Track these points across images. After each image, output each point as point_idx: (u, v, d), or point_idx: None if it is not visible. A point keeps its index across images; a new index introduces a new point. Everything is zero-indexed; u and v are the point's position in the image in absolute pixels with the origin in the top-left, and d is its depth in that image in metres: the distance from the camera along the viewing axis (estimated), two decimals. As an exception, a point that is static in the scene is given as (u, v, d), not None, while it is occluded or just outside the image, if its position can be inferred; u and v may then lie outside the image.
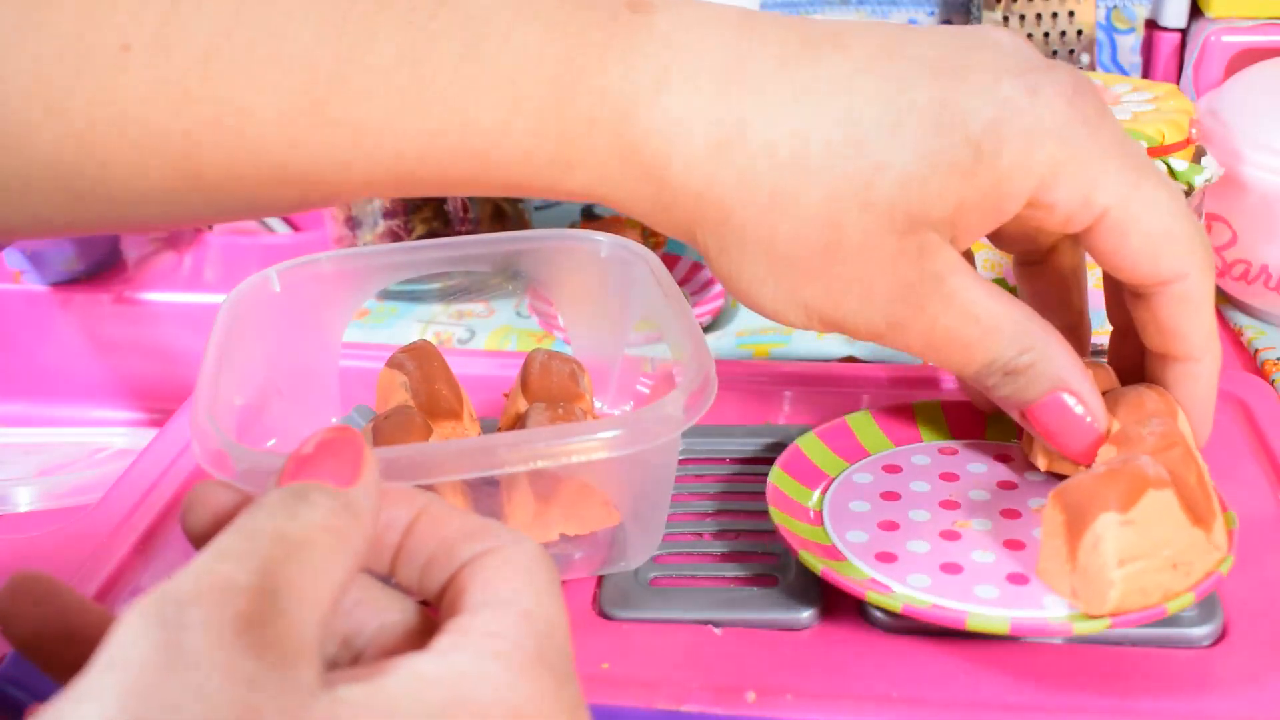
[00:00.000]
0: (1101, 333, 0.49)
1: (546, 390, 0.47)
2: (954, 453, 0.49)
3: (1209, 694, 0.39)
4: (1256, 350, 0.60)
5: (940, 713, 0.39)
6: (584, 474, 0.42)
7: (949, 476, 0.47)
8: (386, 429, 0.43)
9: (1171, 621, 0.41)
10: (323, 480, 0.27)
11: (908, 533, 0.44)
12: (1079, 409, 0.40)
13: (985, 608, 0.40)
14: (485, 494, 0.43)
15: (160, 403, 0.79)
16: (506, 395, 0.51)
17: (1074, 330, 0.46)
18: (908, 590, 0.41)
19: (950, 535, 0.44)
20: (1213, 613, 0.41)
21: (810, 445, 0.49)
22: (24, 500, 0.68)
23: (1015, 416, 0.42)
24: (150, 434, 0.72)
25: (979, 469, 0.48)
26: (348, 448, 0.28)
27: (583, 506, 0.43)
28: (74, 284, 0.77)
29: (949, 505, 0.45)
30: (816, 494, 0.47)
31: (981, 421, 0.51)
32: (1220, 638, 0.41)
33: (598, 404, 0.52)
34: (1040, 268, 0.45)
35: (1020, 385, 0.40)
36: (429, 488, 0.42)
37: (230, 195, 0.35)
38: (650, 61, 0.35)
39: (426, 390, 0.47)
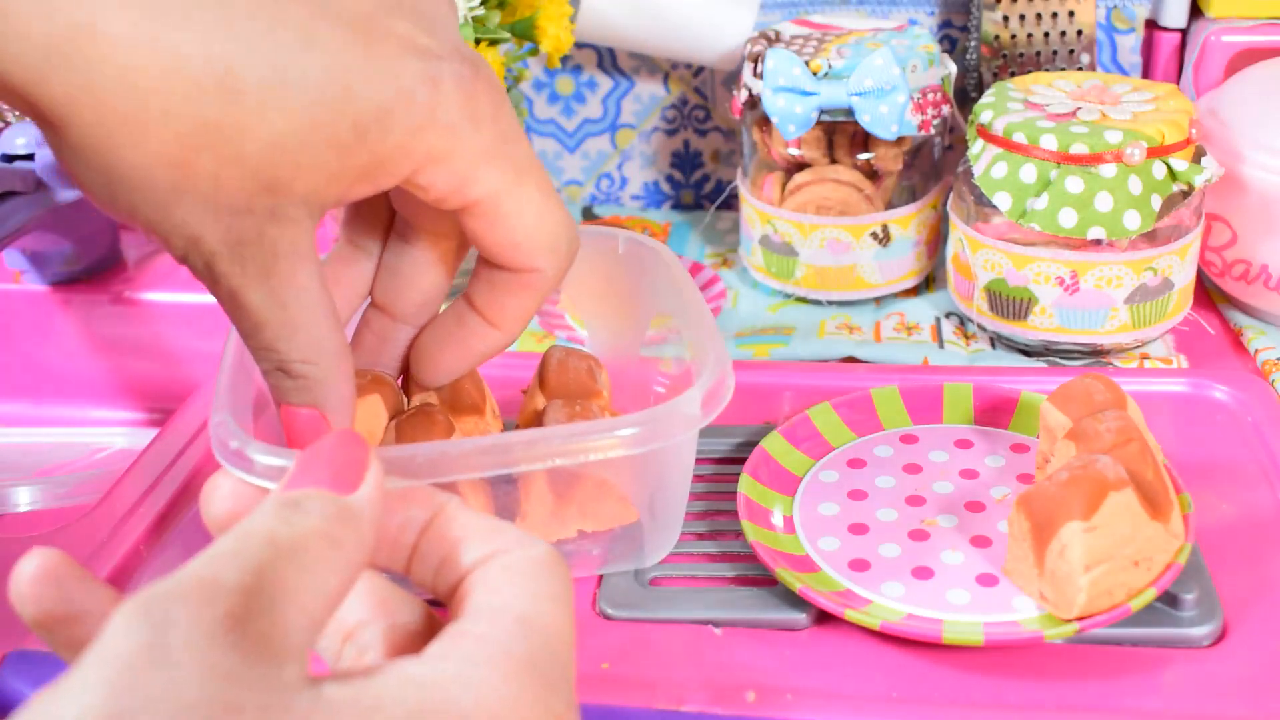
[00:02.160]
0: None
1: (564, 387, 0.47)
2: (915, 440, 0.49)
3: (1209, 694, 0.39)
4: (1256, 350, 0.60)
5: (939, 712, 0.39)
6: (602, 471, 0.42)
7: (912, 468, 0.48)
8: (408, 427, 0.43)
9: (1171, 621, 0.41)
10: (324, 487, 0.27)
11: (878, 535, 0.44)
12: (320, 433, 0.38)
13: (959, 615, 0.41)
14: (504, 491, 0.43)
15: (160, 403, 0.79)
16: (524, 392, 0.51)
17: (427, 304, 0.43)
18: (883, 601, 0.41)
19: (919, 535, 0.44)
20: (1213, 613, 0.41)
21: (775, 445, 0.49)
22: (24, 500, 0.68)
23: (273, 401, 0.39)
24: (150, 434, 0.72)
25: (940, 458, 0.48)
26: (351, 454, 0.28)
27: (600, 504, 0.43)
28: (74, 284, 0.77)
29: (915, 501, 0.46)
30: (787, 501, 0.47)
31: (938, 405, 0.51)
32: (1220, 638, 0.41)
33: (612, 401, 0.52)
34: (413, 237, 0.43)
35: (286, 386, 0.37)
36: (448, 485, 0.42)
37: None
38: None
39: (450, 386, 0.47)
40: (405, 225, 0.43)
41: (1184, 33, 0.74)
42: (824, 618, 0.42)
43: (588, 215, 0.84)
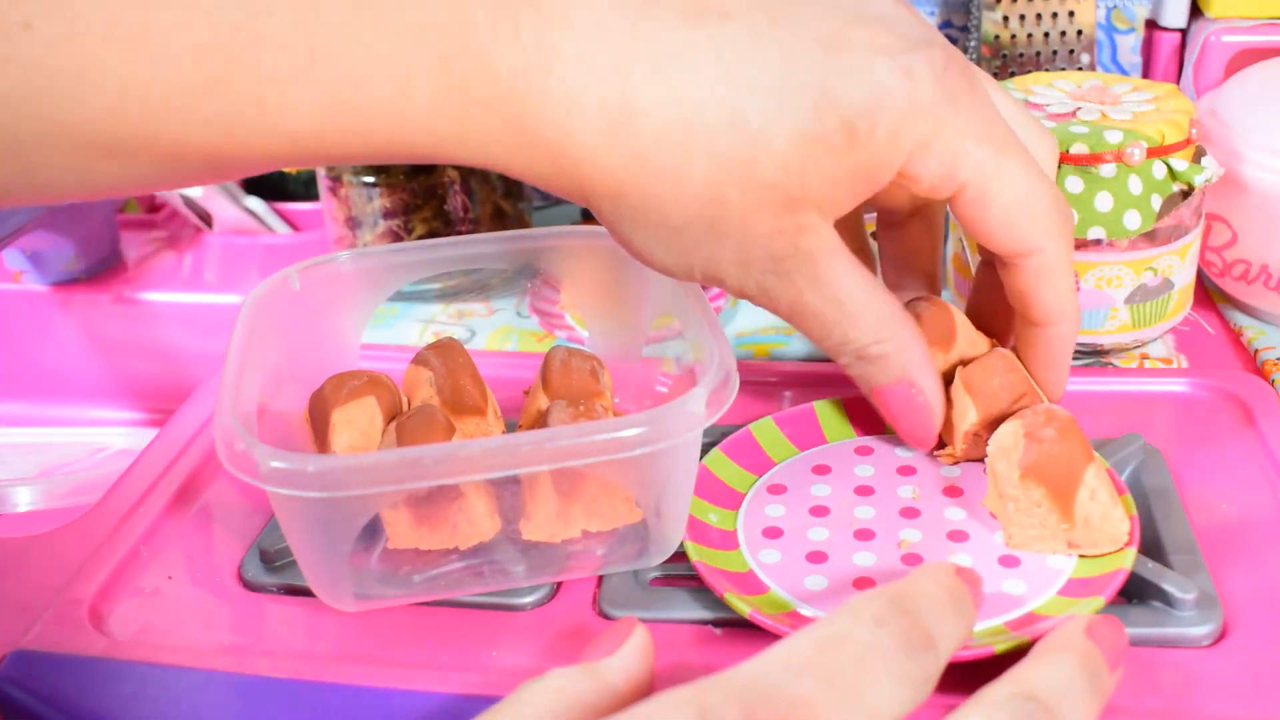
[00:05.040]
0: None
1: (567, 387, 0.47)
2: (782, 490, 0.48)
3: (1209, 694, 0.39)
4: (1256, 350, 0.60)
5: (940, 712, 0.39)
6: (606, 471, 0.42)
7: (820, 511, 0.47)
8: (409, 428, 0.43)
9: (1171, 621, 0.41)
10: (588, 659, 0.33)
11: (888, 580, 0.42)
12: (920, 400, 0.44)
13: (1036, 600, 0.41)
14: (508, 491, 0.43)
15: (160, 403, 0.79)
16: (526, 393, 0.51)
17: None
18: (978, 627, 0.40)
19: (913, 560, 0.44)
20: (1213, 613, 0.41)
21: (714, 460, 0.48)
22: (24, 500, 0.68)
23: (864, 392, 0.45)
24: (150, 434, 0.72)
25: (823, 491, 0.48)
26: (615, 633, 0.34)
27: (605, 503, 0.43)
28: (74, 284, 0.77)
29: (865, 535, 0.45)
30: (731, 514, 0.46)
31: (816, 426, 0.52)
32: (1220, 638, 0.41)
33: (615, 400, 0.52)
34: (900, 232, 0.50)
35: (870, 371, 0.43)
36: (454, 486, 0.42)
37: (136, 167, 0.36)
38: (539, 39, 0.36)
39: (452, 386, 0.47)
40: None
41: (1184, 33, 0.74)
42: (824, 618, 0.42)
43: (588, 216, 0.84)
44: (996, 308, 0.49)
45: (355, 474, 0.38)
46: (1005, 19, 0.72)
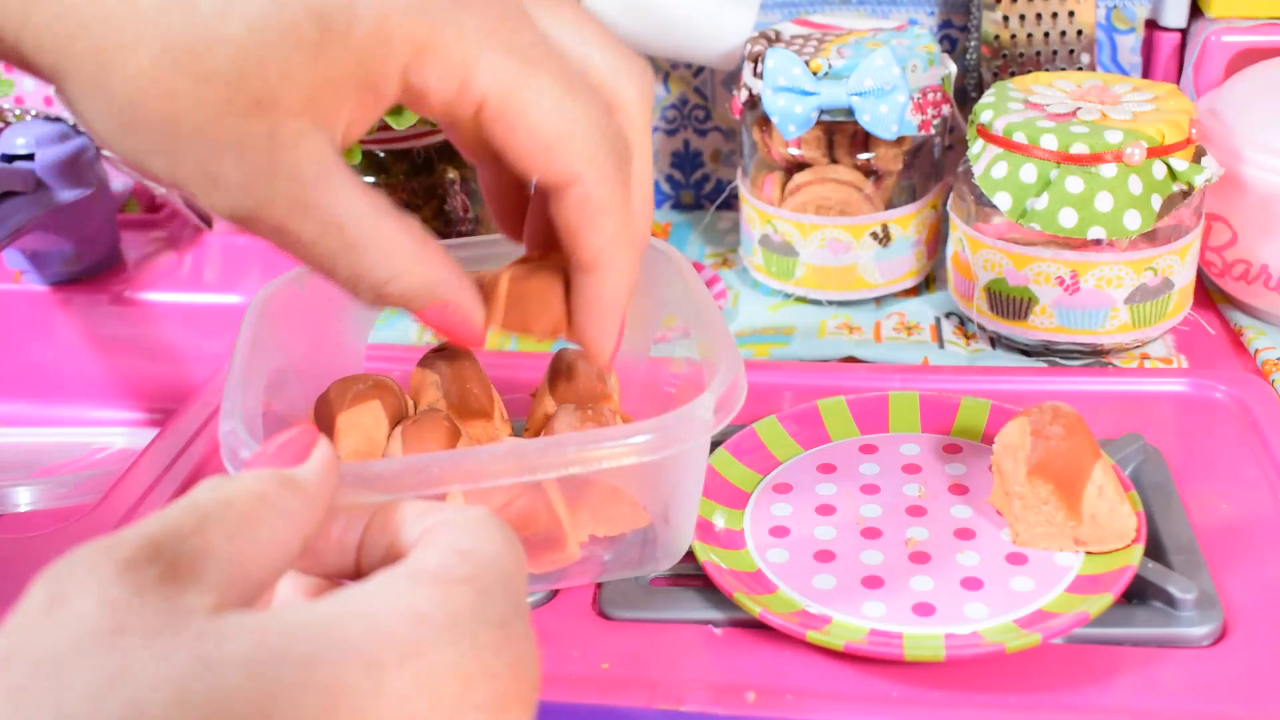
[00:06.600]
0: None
1: (574, 391, 0.47)
2: (788, 489, 0.49)
3: (1209, 694, 0.39)
4: (1256, 350, 0.60)
5: (941, 712, 0.39)
6: (613, 477, 0.42)
7: (826, 510, 0.47)
8: (414, 431, 0.43)
9: (1172, 621, 0.41)
10: (271, 466, 0.28)
11: (896, 578, 0.44)
12: (459, 315, 0.37)
13: (1043, 598, 0.41)
14: None
15: (160, 403, 0.79)
16: (533, 396, 0.50)
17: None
18: (986, 624, 0.41)
19: (920, 558, 0.44)
20: (1213, 613, 0.41)
21: (719, 459, 0.49)
22: (24, 500, 0.68)
23: None
24: (150, 434, 0.72)
25: (829, 490, 0.48)
26: (300, 439, 0.29)
27: (612, 508, 0.43)
28: (74, 284, 0.77)
29: (871, 534, 0.46)
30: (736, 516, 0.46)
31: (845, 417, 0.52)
32: (1220, 638, 0.41)
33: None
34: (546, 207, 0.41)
35: (399, 304, 0.36)
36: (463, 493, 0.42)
37: None
38: None
39: (458, 390, 0.47)
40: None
41: (1184, 33, 0.74)
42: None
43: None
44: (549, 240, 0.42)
45: (361, 481, 0.37)
46: (1005, 19, 0.72)
